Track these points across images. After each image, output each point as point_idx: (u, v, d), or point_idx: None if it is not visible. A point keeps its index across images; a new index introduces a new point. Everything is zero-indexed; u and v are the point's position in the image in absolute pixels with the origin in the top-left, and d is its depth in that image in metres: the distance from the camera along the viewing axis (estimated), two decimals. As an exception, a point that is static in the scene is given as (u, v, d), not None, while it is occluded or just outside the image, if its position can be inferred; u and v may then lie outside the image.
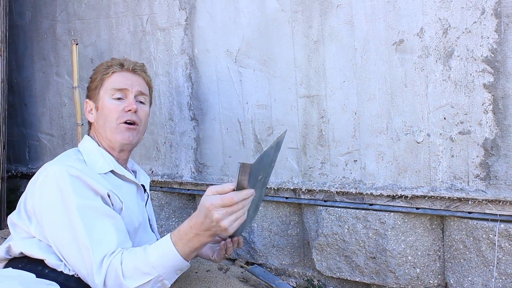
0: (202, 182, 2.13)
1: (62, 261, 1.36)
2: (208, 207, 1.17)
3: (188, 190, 2.19)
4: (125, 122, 1.55)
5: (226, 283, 1.87)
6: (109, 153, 1.56)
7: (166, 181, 2.25)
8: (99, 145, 1.56)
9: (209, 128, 2.10)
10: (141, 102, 1.60)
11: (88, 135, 1.62)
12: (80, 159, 1.49)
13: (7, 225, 2.68)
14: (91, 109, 1.60)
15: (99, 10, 2.44)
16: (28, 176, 2.90)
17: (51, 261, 1.36)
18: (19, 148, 2.98)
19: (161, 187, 2.27)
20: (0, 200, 2.65)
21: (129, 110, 1.55)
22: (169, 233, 1.30)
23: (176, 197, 2.28)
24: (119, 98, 1.55)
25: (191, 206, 2.29)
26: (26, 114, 2.91)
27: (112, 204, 1.43)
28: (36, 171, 2.92)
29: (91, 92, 1.60)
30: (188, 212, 2.29)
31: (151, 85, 1.69)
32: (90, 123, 1.63)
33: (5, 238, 2.45)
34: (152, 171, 2.31)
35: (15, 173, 2.95)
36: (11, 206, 2.81)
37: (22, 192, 2.90)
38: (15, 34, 2.85)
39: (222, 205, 1.16)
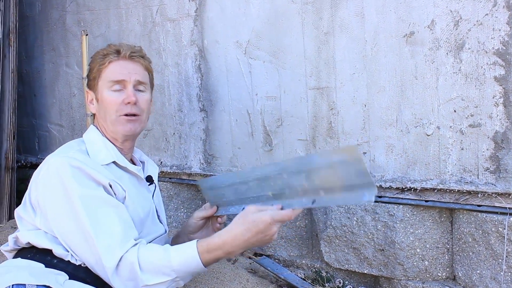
0: (211, 173, 2.15)
1: (68, 251, 1.38)
2: (271, 222, 1.24)
3: (197, 181, 2.21)
4: (125, 115, 1.53)
5: (235, 274, 1.89)
6: (113, 143, 1.56)
7: (175, 172, 2.27)
8: (103, 135, 1.56)
9: (218, 120, 2.11)
10: (141, 91, 1.56)
11: (93, 124, 1.62)
12: (82, 150, 1.49)
13: (17, 215, 2.73)
14: (92, 99, 1.57)
15: (109, 1, 2.46)
16: (37, 167, 2.92)
17: (58, 251, 1.38)
18: (28, 139, 3.01)
19: (170, 178, 2.29)
20: (10, 190, 2.69)
21: (128, 103, 1.52)
22: (195, 241, 1.31)
23: (185, 188, 2.30)
24: (117, 90, 1.52)
25: (200, 197, 2.31)
26: (36, 105, 2.94)
27: (115, 194, 1.44)
28: (45, 162, 2.93)
29: (91, 83, 1.57)
30: (197, 203, 2.31)
31: (151, 69, 1.64)
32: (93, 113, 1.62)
33: (15, 228, 2.48)
34: (161, 162, 2.33)
35: (24, 163, 2.99)
36: (21, 196, 2.83)
37: (32, 182, 2.94)
38: (25, 25, 2.87)
39: (281, 220, 1.26)
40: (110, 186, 1.42)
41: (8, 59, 2.65)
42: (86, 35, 2.16)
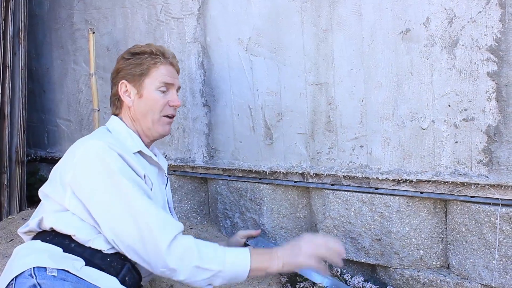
0: (214, 166, 2.20)
1: (91, 237, 1.40)
2: (308, 239, 1.44)
3: (200, 173, 2.26)
4: (167, 116, 1.64)
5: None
6: (139, 136, 1.62)
7: (179, 165, 2.32)
8: (127, 126, 1.61)
9: (221, 114, 2.16)
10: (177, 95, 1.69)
11: (117, 116, 1.66)
12: (113, 137, 1.55)
13: (27, 207, 2.79)
14: (127, 91, 1.61)
15: (115, 0, 2.50)
16: (47, 160, 2.99)
17: (81, 236, 1.40)
18: (38, 133, 3.06)
19: (174, 171, 2.34)
20: (20, 183, 2.75)
21: (173, 106, 1.64)
22: (248, 248, 1.45)
23: (188, 181, 2.35)
24: (163, 91, 1.62)
25: (203, 189, 2.36)
26: (45, 100, 2.99)
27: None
28: (55, 155, 3.01)
29: (133, 77, 1.61)
30: (200, 195, 2.36)
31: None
32: (121, 104, 1.64)
33: (25, 219, 2.54)
34: (166, 156, 2.38)
35: (34, 157, 3.03)
36: (31, 188, 2.90)
37: (42, 175, 3.01)
38: (34, 23, 2.91)
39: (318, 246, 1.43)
40: (144, 177, 1.49)
41: (18, 57, 2.70)
42: (93, 33, 2.20)
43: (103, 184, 1.40)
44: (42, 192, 1.52)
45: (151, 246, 1.35)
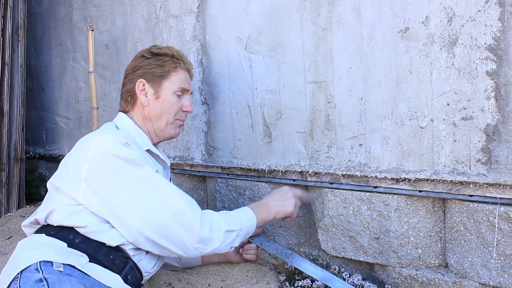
0: (213, 164, 2.20)
1: (101, 229, 1.41)
2: (288, 190, 1.80)
3: (199, 172, 2.26)
4: (178, 119, 1.70)
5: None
6: (148, 134, 1.66)
7: (178, 163, 2.32)
8: (135, 124, 1.64)
9: (220, 112, 2.16)
10: None
11: (126, 113, 1.67)
12: (125, 134, 1.57)
13: (25, 204, 2.79)
14: (144, 89, 1.64)
15: (114, -3, 2.50)
16: (45, 158, 2.99)
17: (92, 227, 1.40)
18: (36, 131, 3.06)
19: (173, 169, 2.33)
20: (19, 180, 2.75)
21: (186, 111, 1.71)
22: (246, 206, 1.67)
23: (187, 179, 2.35)
24: (179, 95, 1.68)
25: (202, 187, 2.36)
26: (44, 98, 2.99)
27: None
28: (53, 153, 3.00)
29: (153, 78, 1.65)
30: (199, 193, 2.36)
31: None
32: (134, 101, 1.66)
33: (24, 217, 2.54)
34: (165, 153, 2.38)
35: (33, 155, 3.03)
36: (29, 186, 2.91)
37: (40, 172, 3.01)
38: (33, 20, 2.91)
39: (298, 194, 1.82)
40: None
41: (17, 54, 2.70)
42: (92, 30, 2.20)
43: (125, 174, 1.43)
44: (52, 184, 1.51)
45: (186, 224, 1.41)
